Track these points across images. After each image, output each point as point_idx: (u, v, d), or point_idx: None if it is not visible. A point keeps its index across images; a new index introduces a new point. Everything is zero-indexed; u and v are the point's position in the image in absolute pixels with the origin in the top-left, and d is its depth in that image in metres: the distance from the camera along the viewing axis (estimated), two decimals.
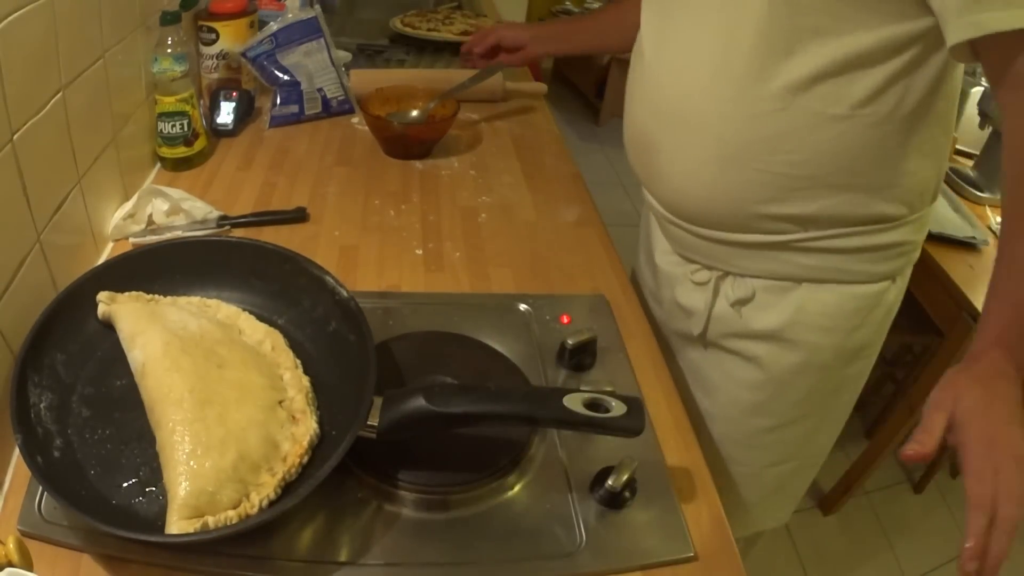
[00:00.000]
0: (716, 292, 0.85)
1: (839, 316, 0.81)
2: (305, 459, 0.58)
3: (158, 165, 1.02)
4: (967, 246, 1.49)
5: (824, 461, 1.00)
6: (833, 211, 0.73)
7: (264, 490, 0.54)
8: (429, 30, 1.59)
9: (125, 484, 0.56)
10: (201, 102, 1.10)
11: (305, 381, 0.64)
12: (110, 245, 0.86)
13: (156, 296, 0.71)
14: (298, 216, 0.94)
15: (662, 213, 0.86)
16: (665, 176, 0.81)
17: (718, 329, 0.87)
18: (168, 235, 0.86)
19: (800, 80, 0.67)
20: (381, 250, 0.91)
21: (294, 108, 1.19)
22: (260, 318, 0.70)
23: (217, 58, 1.15)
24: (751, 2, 0.66)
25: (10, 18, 0.58)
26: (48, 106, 0.67)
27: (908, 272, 0.84)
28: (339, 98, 1.23)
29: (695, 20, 0.73)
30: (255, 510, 0.53)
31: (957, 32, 0.58)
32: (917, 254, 0.83)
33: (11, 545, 0.50)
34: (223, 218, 0.91)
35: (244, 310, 0.71)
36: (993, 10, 0.55)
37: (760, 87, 0.68)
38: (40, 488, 0.56)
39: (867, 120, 0.68)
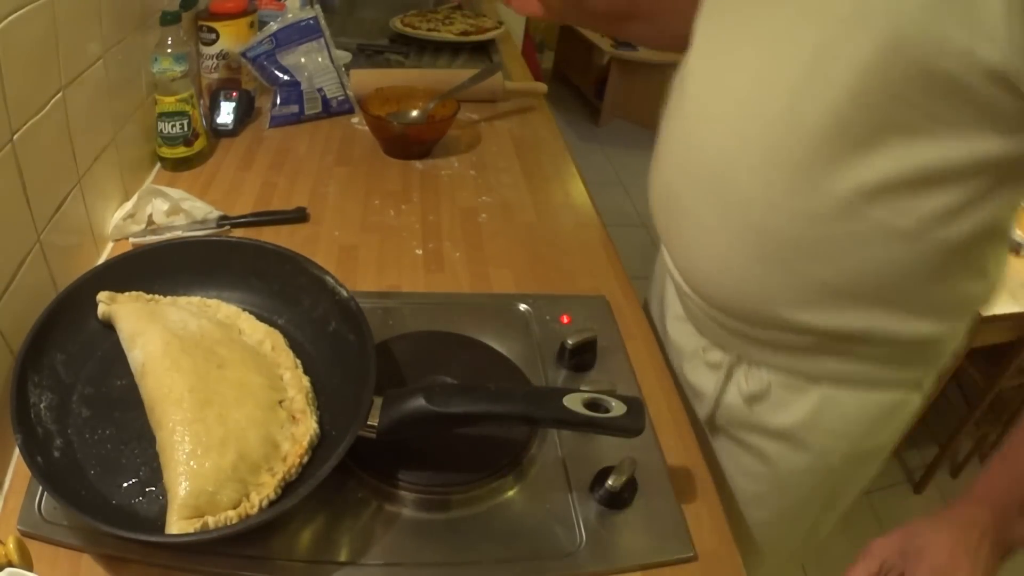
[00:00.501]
0: (728, 378, 0.76)
1: (856, 422, 0.72)
2: (305, 459, 0.58)
3: (158, 165, 1.02)
4: None
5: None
6: (867, 325, 0.64)
7: (264, 490, 0.54)
8: (429, 30, 1.59)
9: (125, 484, 0.56)
10: (201, 102, 1.10)
11: (305, 381, 0.64)
12: (110, 245, 0.86)
13: (156, 296, 0.71)
14: (298, 216, 0.94)
15: (679, 283, 0.76)
16: (689, 248, 0.72)
17: (725, 416, 0.79)
18: (168, 235, 0.86)
19: (872, 184, 0.55)
20: (381, 250, 0.91)
21: (294, 108, 1.19)
22: (260, 318, 0.70)
23: (217, 58, 1.15)
24: (837, 72, 0.52)
25: (10, 18, 0.58)
26: (48, 106, 0.67)
27: (935, 376, 0.74)
28: (339, 98, 1.23)
29: (759, 67, 0.59)
30: (255, 510, 0.53)
31: None
32: (949, 359, 0.72)
33: (11, 545, 0.50)
34: (223, 218, 0.91)
35: (244, 310, 0.71)
36: None
37: (823, 183, 0.57)
38: (40, 488, 0.56)
39: (935, 239, 0.57)
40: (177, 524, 0.51)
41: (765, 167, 0.59)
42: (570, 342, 0.74)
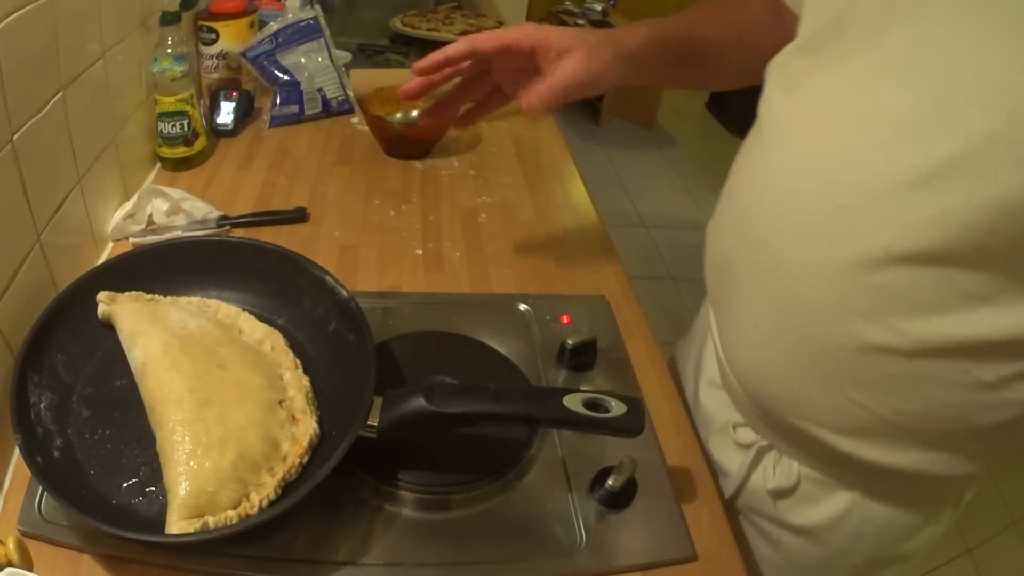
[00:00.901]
0: (756, 463, 0.70)
1: (886, 528, 0.66)
2: (305, 459, 0.58)
3: (158, 165, 1.02)
4: None
5: None
6: (911, 466, 0.57)
7: (264, 490, 0.54)
8: (429, 30, 1.59)
9: (125, 484, 0.56)
10: (201, 102, 1.10)
11: (305, 381, 0.64)
12: (110, 245, 0.86)
13: (156, 296, 0.71)
14: (298, 216, 0.94)
15: (720, 353, 0.70)
16: (735, 328, 0.66)
17: (747, 502, 0.74)
18: (168, 235, 0.86)
19: (944, 345, 0.48)
20: (381, 250, 0.91)
21: (294, 108, 1.19)
22: (260, 318, 0.70)
23: (217, 58, 1.15)
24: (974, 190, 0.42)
25: (10, 18, 0.58)
26: (48, 106, 0.67)
27: (976, 488, 0.68)
28: (339, 98, 1.23)
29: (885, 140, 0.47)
30: (255, 510, 0.53)
31: None
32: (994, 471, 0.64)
33: (11, 545, 0.50)
34: (223, 218, 0.91)
35: (244, 310, 0.71)
36: None
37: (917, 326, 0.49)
38: (40, 488, 0.56)
39: (1015, 395, 0.50)
40: (177, 524, 0.51)
41: (841, 275, 0.50)
42: (570, 342, 0.74)
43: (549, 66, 0.68)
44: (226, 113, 1.12)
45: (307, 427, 0.60)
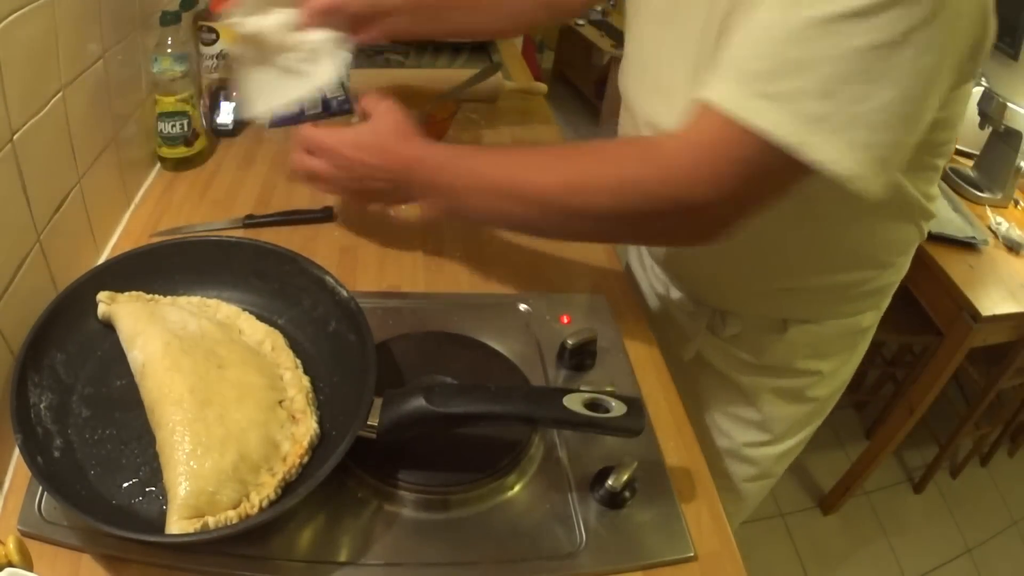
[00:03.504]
0: (705, 323, 0.88)
1: (827, 346, 0.86)
2: (305, 459, 0.58)
3: (158, 165, 1.02)
4: (967, 246, 1.49)
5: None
6: (816, 283, 0.79)
7: (264, 490, 0.54)
8: None
9: (125, 484, 0.56)
10: (201, 102, 1.10)
11: (305, 381, 0.64)
12: (110, 245, 0.86)
13: (156, 296, 0.71)
14: (324, 216, 0.95)
15: (660, 274, 0.93)
16: None
17: (707, 355, 0.91)
18: (190, 234, 0.86)
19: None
20: (381, 250, 0.91)
21: (294, 108, 1.19)
22: (260, 318, 0.70)
23: (217, 58, 1.15)
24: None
25: (10, 18, 0.58)
26: (48, 106, 0.67)
27: (889, 298, 0.88)
28: (339, 98, 1.23)
29: (671, 46, 0.71)
30: (255, 510, 0.53)
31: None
32: (898, 282, 0.86)
33: (11, 545, 0.50)
34: (249, 217, 0.92)
35: (244, 310, 0.71)
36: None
37: None
38: (40, 488, 0.56)
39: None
40: (177, 524, 0.51)
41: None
42: (570, 342, 0.74)
43: None
44: (226, 113, 1.12)
45: (307, 427, 0.60)
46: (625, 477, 0.61)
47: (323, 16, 0.86)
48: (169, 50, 0.94)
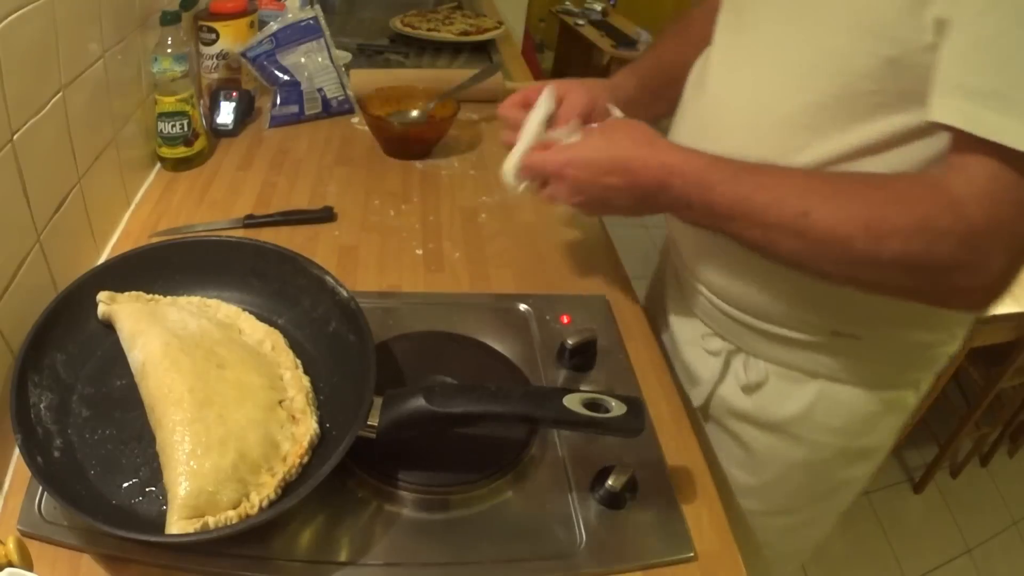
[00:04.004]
0: (727, 366, 0.78)
1: (851, 418, 0.74)
2: (305, 459, 0.58)
3: (158, 165, 1.02)
4: None
5: (809, 556, 0.96)
6: (864, 331, 0.68)
7: (264, 490, 0.54)
8: (429, 30, 1.59)
9: (125, 484, 0.56)
10: (201, 102, 1.10)
11: (305, 381, 0.64)
12: (110, 245, 0.86)
13: (156, 296, 0.71)
14: (325, 215, 0.95)
15: (683, 262, 0.80)
16: (698, 237, 0.74)
17: (720, 406, 0.81)
18: (189, 234, 0.86)
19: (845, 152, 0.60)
20: (381, 250, 0.91)
21: (294, 108, 1.19)
22: (260, 318, 0.70)
23: (217, 58, 1.15)
24: (844, 52, 0.57)
25: (10, 18, 0.58)
26: (48, 106, 0.67)
27: (932, 377, 0.76)
28: (339, 98, 1.23)
29: (770, 69, 0.64)
30: (255, 510, 0.53)
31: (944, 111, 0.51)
32: (947, 360, 0.75)
33: (11, 545, 0.50)
34: (249, 217, 0.92)
35: (244, 310, 0.71)
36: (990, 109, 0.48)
37: (804, 155, 0.62)
38: (40, 488, 0.56)
39: None
40: (177, 524, 0.51)
41: (774, 137, 0.63)
42: (570, 342, 0.74)
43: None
44: (226, 113, 1.12)
45: (307, 427, 0.60)
46: (625, 477, 0.61)
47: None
48: (169, 50, 0.94)
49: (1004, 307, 1.40)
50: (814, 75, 0.60)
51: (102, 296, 0.68)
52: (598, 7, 3.94)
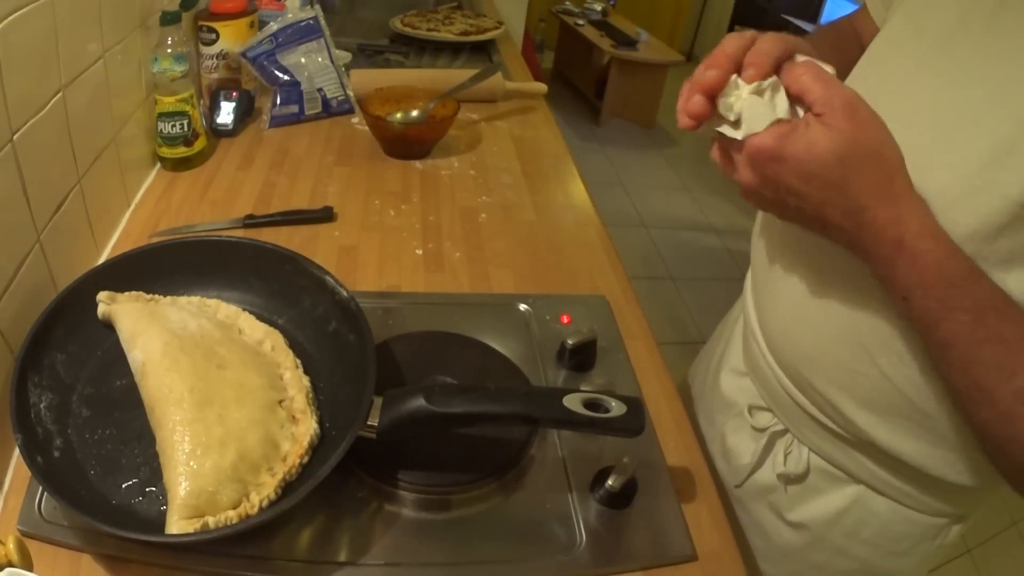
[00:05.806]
0: (769, 449, 0.73)
1: (884, 535, 0.67)
2: (305, 459, 0.58)
3: (158, 165, 1.02)
4: None
5: None
6: (918, 459, 0.59)
7: (264, 490, 0.54)
8: (429, 30, 1.59)
9: (125, 484, 0.56)
10: (201, 102, 1.10)
11: (305, 381, 0.64)
12: (110, 245, 0.86)
13: (156, 296, 0.71)
14: (324, 216, 0.95)
15: (751, 324, 0.73)
16: (774, 289, 0.68)
17: (752, 491, 0.76)
18: (189, 234, 0.86)
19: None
20: (381, 250, 0.91)
21: (294, 108, 1.19)
22: (260, 318, 0.70)
23: (217, 58, 1.15)
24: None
25: (10, 18, 0.58)
26: (48, 106, 0.67)
27: (980, 511, 0.68)
28: (339, 98, 1.23)
29: (935, 139, 0.51)
30: (255, 510, 0.53)
31: None
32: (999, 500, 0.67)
33: (11, 545, 0.50)
34: (249, 217, 0.92)
35: (244, 310, 0.71)
36: None
37: None
38: (40, 488, 0.56)
39: None
40: (177, 524, 0.51)
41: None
42: (570, 342, 0.74)
43: None
44: (226, 113, 1.12)
45: (307, 427, 0.60)
46: (625, 477, 0.61)
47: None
48: (169, 50, 0.94)
49: None
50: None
51: (102, 296, 0.68)
52: (598, 7, 3.94)
